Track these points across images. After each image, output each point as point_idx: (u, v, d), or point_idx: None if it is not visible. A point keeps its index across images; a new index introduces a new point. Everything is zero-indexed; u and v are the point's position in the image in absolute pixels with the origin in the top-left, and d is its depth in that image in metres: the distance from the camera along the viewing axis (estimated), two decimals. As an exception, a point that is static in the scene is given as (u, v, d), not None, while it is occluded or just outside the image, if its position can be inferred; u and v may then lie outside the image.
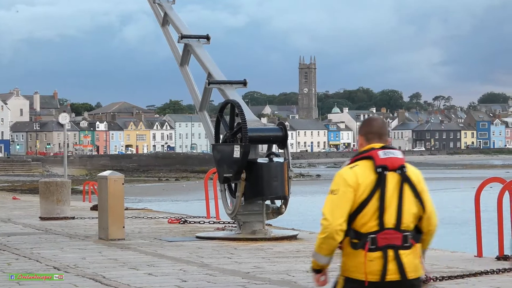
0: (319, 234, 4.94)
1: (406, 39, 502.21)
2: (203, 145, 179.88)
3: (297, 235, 16.04)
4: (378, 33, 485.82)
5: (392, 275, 4.86)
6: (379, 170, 4.90)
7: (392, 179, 4.93)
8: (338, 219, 4.85)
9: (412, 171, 5.04)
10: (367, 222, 4.89)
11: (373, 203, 4.89)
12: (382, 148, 5.00)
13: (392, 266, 4.86)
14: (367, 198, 4.89)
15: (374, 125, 5.10)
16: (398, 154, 4.98)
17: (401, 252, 4.90)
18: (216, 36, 18.70)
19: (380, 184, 4.90)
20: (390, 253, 4.87)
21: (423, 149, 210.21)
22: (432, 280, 10.14)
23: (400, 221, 4.92)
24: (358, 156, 5.01)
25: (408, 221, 4.95)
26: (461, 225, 41.03)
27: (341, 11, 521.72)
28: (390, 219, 4.89)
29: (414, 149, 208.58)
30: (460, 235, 36.06)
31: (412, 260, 4.94)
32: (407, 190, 4.96)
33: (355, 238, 4.89)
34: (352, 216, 4.89)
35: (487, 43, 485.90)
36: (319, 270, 5.01)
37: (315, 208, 53.59)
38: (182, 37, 18.35)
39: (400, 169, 4.95)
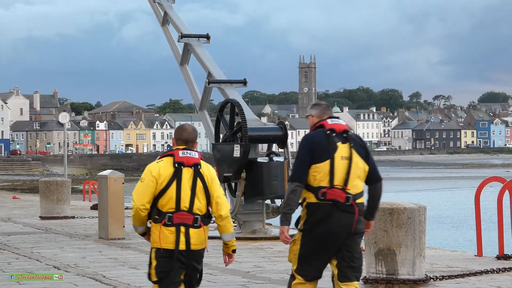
0: (132, 212, 6.59)
1: (405, 38, 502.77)
2: (203, 145, 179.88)
3: (297, 234, 16.02)
4: (377, 32, 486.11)
5: (182, 245, 6.38)
6: (176, 165, 6.42)
7: (186, 173, 6.44)
8: (142, 201, 6.44)
9: (206, 168, 6.53)
10: (166, 204, 6.41)
11: (171, 190, 6.41)
12: (184, 149, 6.52)
13: (182, 238, 6.38)
14: (166, 185, 6.41)
15: (183, 134, 6.60)
16: (194, 154, 6.50)
17: (191, 230, 6.40)
18: (216, 35, 18.68)
19: (176, 176, 6.42)
20: (182, 229, 6.38)
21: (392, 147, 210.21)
22: None
23: (193, 206, 6.41)
24: (165, 154, 6.57)
25: (199, 207, 6.44)
26: (461, 224, 41.01)
27: (340, 10, 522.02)
28: (184, 204, 6.40)
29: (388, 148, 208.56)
30: (460, 234, 36.06)
31: (198, 237, 6.43)
32: (198, 183, 6.44)
33: (157, 215, 6.45)
34: (156, 199, 6.43)
35: (487, 42, 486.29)
36: (142, 234, 6.65)
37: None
38: (182, 36, 18.33)
39: (195, 166, 6.45)
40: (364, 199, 6.78)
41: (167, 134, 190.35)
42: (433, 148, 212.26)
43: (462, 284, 10.14)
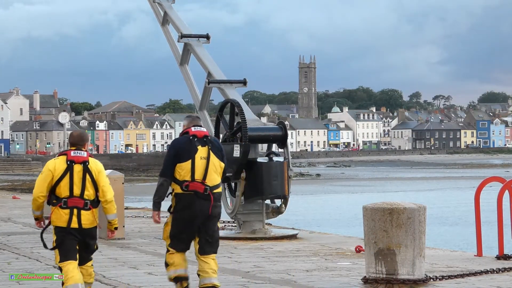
0: (32, 198, 8.35)
1: (405, 38, 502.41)
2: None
3: (297, 234, 16.04)
4: (377, 32, 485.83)
5: (74, 224, 8.22)
6: (68, 162, 8.27)
7: (77, 168, 8.28)
8: (41, 189, 8.26)
9: (94, 164, 8.41)
10: (62, 191, 8.23)
11: (65, 181, 8.22)
12: (75, 149, 8.37)
13: (75, 219, 8.21)
14: (60, 177, 8.22)
15: (70, 139, 8.44)
16: (83, 154, 8.36)
17: (82, 211, 8.24)
18: (215, 35, 18.66)
19: (69, 170, 8.24)
20: (75, 211, 8.21)
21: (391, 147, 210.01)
22: None
23: (83, 193, 8.24)
24: (60, 153, 8.41)
25: (88, 194, 8.27)
26: (461, 224, 41.02)
27: (340, 10, 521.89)
28: (76, 191, 8.23)
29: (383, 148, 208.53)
30: (459, 234, 36.06)
31: (88, 217, 8.28)
32: (87, 176, 8.30)
33: (55, 199, 8.26)
34: (54, 187, 8.23)
35: (487, 42, 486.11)
36: (37, 219, 8.56)
37: (315, 207, 53.49)
38: (182, 36, 18.33)
39: (83, 163, 8.29)
40: (221, 189, 8.71)
41: (167, 134, 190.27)
42: (433, 148, 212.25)
43: (462, 284, 10.14)
